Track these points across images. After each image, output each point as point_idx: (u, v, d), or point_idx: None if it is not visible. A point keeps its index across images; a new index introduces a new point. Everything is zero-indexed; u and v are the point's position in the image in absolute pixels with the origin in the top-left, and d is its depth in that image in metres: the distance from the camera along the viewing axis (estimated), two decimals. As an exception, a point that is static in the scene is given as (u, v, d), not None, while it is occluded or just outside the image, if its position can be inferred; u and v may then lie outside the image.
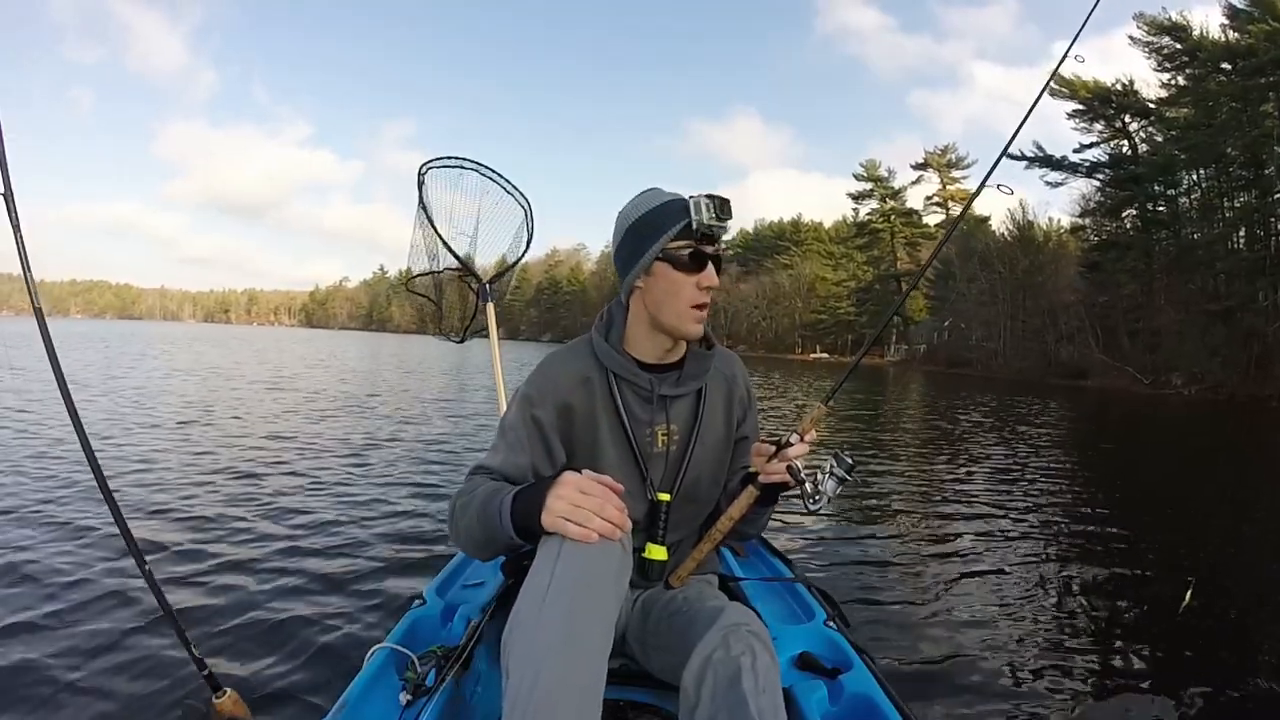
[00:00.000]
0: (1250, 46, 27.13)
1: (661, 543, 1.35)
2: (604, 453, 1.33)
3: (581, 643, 0.98)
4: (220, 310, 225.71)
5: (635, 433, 1.34)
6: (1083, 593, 3.35)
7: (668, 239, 1.27)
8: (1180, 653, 2.71)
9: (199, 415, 8.06)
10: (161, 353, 22.62)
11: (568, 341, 1.49)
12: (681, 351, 1.39)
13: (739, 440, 1.47)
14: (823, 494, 1.26)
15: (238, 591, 2.81)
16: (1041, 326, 38.06)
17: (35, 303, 1.64)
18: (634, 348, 1.36)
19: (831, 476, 1.26)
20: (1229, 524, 5.07)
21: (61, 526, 3.50)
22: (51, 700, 1.96)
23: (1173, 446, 11.19)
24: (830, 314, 67.84)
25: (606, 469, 1.28)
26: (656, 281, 1.30)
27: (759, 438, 1.43)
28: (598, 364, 1.35)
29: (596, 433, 1.33)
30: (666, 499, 1.34)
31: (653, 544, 1.34)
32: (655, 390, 1.34)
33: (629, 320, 1.37)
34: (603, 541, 1.06)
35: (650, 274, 1.31)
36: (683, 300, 1.29)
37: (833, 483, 1.27)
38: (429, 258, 3.16)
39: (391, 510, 4.20)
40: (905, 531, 4.36)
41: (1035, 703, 2.23)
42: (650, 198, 1.32)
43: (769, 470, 1.27)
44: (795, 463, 1.25)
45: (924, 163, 64.90)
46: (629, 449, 1.33)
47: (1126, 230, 35.28)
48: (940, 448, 8.71)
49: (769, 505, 1.38)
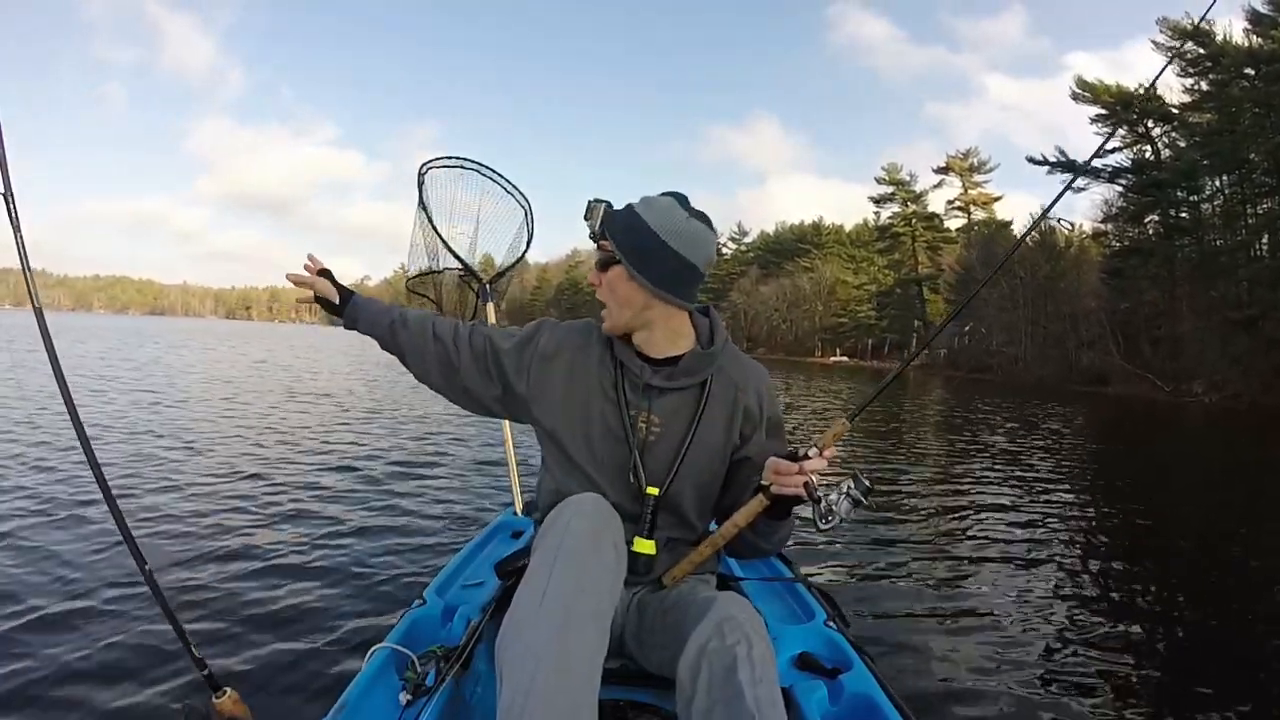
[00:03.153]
0: (1273, 52, 27.02)
1: (649, 537, 1.36)
2: (593, 421, 1.38)
3: (577, 645, 1.00)
4: (242, 307, 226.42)
5: (624, 411, 1.37)
6: (1086, 597, 3.32)
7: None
8: (1185, 660, 2.68)
9: (199, 415, 8.08)
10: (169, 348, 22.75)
11: None
12: (683, 349, 1.40)
13: (740, 460, 1.42)
14: (836, 514, 1.22)
15: (238, 591, 2.82)
16: (1063, 332, 37.85)
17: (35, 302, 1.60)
18: (641, 340, 1.40)
19: (847, 497, 1.23)
20: (1246, 536, 4.95)
21: (61, 526, 3.51)
22: (51, 700, 1.98)
23: (1192, 455, 11.06)
24: (850, 317, 67.41)
25: (594, 437, 1.37)
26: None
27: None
28: (604, 340, 1.42)
29: (589, 397, 1.38)
30: (655, 493, 1.34)
31: (640, 538, 1.35)
32: (643, 379, 1.37)
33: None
34: (598, 543, 1.11)
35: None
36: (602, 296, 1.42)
37: (848, 504, 1.23)
38: (429, 257, 3.10)
39: (392, 511, 4.22)
40: (906, 531, 4.35)
41: (1036, 703, 2.22)
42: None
43: (783, 482, 1.21)
44: (811, 478, 1.20)
45: (946, 167, 64.53)
46: (620, 423, 1.36)
47: (1149, 236, 34.92)
48: (951, 451, 8.70)
49: (781, 520, 1.32)
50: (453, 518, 4.16)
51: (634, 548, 1.33)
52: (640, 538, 1.35)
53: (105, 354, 18.15)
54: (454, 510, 4.34)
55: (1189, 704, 2.31)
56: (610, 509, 1.20)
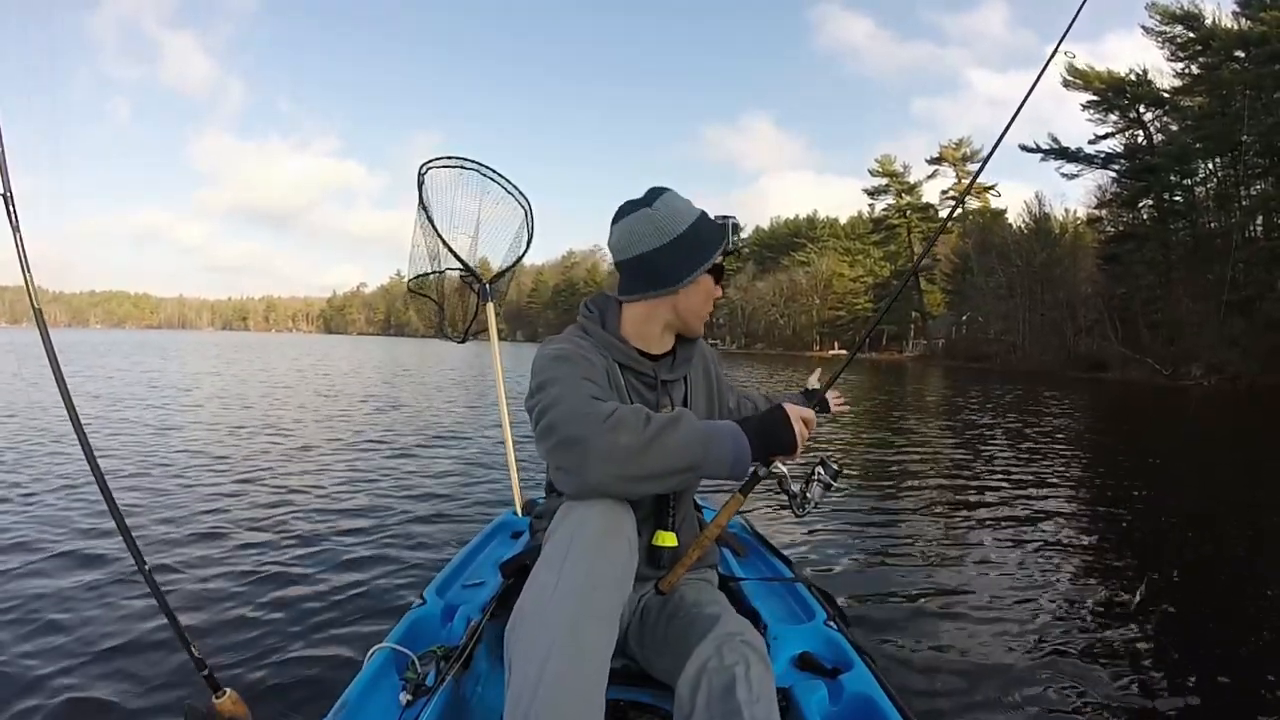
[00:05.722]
0: (1263, 34, 26.98)
1: (671, 529, 1.39)
2: None
3: (587, 639, 1.00)
4: (238, 318, 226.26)
5: None
6: (1089, 593, 3.29)
7: (719, 255, 1.40)
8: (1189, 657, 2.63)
9: (200, 415, 8.12)
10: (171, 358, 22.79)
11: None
12: (672, 342, 1.48)
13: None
14: (810, 499, 1.30)
15: (238, 591, 2.82)
16: (1060, 319, 37.92)
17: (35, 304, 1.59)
18: (634, 339, 1.43)
19: (818, 483, 1.31)
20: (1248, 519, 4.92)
21: (61, 526, 3.53)
22: (51, 700, 1.98)
23: (1192, 438, 11.02)
24: (848, 310, 67.48)
25: None
26: (697, 289, 1.41)
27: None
28: (600, 352, 1.39)
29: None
30: None
31: (662, 530, 1.38)
32: (658, 376, 1.42)
33: (634, 315, 1.44)
34: (612, 539, 1.11)
35: (695, 282, 1.40)
36: (707, 307, 1.44)
37: (819, 489, 1.31)
38: (430, 258, 3.14)
39: (392, 511, 4.22)
40: (907, 530, 4.31)
41: (1036, 703, 2.22)
42: (686, 210, 1.39)
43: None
44: (785, 472, 1.27)
45: (939, 157, 64.44)
46: None
47: (1143, 221, 34.98)
48: (950, 443, 8.67)
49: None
50: (453, 518, 4.15)
51: (655, 541, 1.36)
52: (662, 530, 1.37)
53: (125, 367, 18.13)
54: (454, 510, 4.33)
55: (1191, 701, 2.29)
56: (624, 506, 1.18)
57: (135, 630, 2.40)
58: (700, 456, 1.13)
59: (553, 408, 1.17)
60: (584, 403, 1.15)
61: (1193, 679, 2.44)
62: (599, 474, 1.09)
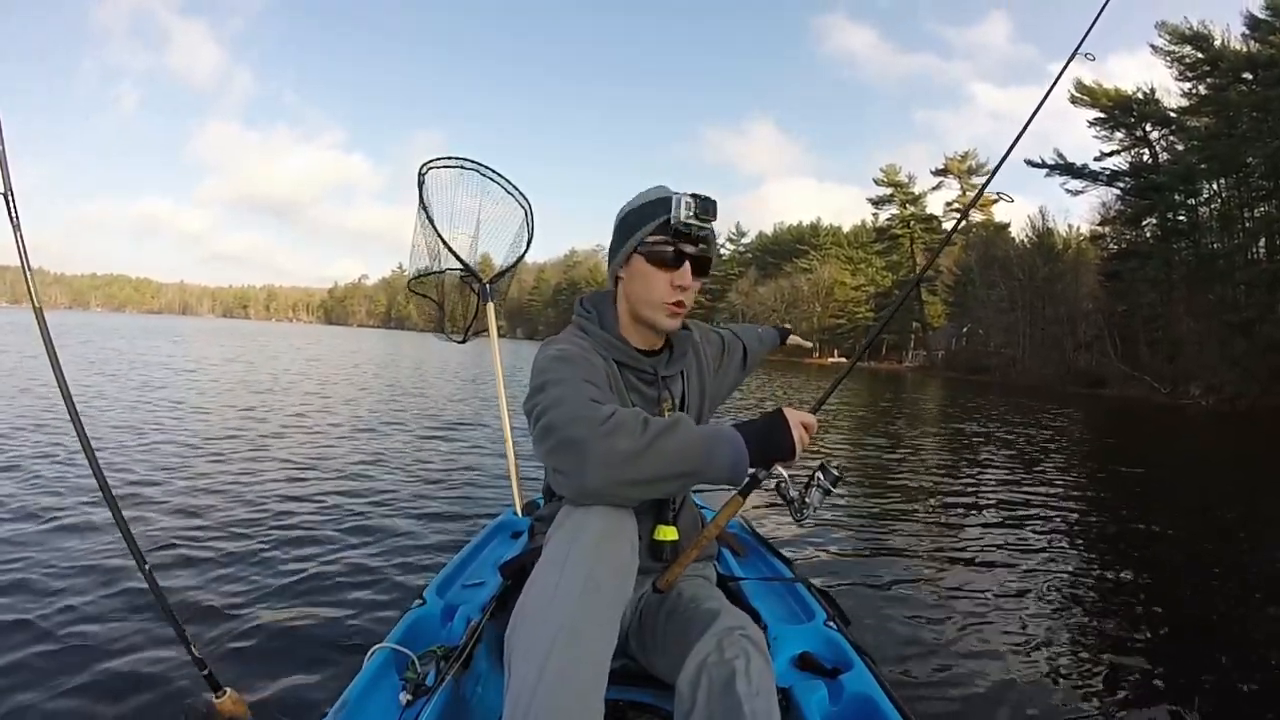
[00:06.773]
0: (1271, 57, 27.05)
1: (672, 523, 1.38)
2: None
3: (587, 640, 1.00)
4: (239, 306, 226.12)
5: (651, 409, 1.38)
6: (1086, 596, 3.34)
7: (646, 233, 1.31)
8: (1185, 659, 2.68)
9: (200, 414, 8.05)
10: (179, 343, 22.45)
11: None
12: (663, 337, 1.46)
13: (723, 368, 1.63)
14: (810, 505, 1.27)
15: (238, 591, 2.82)
16: (1060, 334, 37.96)
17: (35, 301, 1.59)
18: (628, 335, 1.42)
19: (818, 488, 1.27)
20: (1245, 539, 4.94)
21: (61, 526, 3.49)
22: (51, 700, 1.97)
23: (1191, 457, 11.03)
24: (849, 318, 67.41)
25: None
26: (633, 274, 1.35)
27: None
28: (599, 352, 1.37)
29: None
30: None
31: (663, 525, 1.37)
32: (658, 373, 1.41)
33: (619, 310, 1.43)
34: (613, 539, 1.10)
35: (628, 266, 1.36)
36: (655, 295, 1.33)
37: (819, 494, 1.27)
38: (430, 258, 3.14)
39: (392, 511, 4.21)
40: (906, 532, 4.36)
41: (1036, 703, 2.23)
42: (645, 194, 1.35)
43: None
44: (785, 477, 1.24)
45: (944, 169, 64.48)
46: None
47: (1146, 239, 34.95)
48: (949, 452, 8.71)
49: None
50: (453, 518, 4.14)
51: (656, 536, 1.35)
52: (663, 525, 1.37)
53: (128, 353, 18.10)
54: (454, 510, 4.33)
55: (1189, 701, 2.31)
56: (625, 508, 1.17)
57: (135, 630, 2.39)
58: (698, 462, 1.11)
59: (552, 409, 1.16)
60: (584, 405, 1.14)
61: (1192, 680, 2.47)
62: (596, 478, 1.08)
